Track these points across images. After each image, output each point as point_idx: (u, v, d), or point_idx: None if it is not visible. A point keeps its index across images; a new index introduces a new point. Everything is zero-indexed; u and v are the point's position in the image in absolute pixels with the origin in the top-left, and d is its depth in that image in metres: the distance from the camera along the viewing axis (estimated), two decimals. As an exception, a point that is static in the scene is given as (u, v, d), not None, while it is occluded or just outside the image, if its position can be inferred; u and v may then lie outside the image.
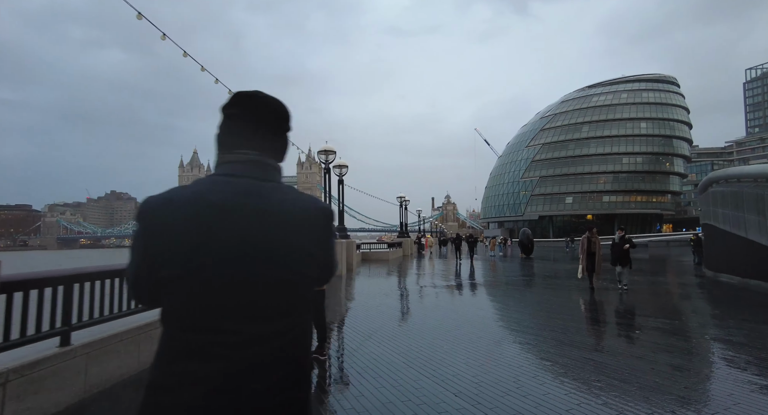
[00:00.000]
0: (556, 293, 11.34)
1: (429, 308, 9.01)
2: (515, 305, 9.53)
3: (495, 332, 6.61)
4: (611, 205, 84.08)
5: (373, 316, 8.04)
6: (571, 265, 21.91)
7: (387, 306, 9.19)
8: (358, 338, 6.30)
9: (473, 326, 6.82)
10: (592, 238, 10.82)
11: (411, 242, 34.40)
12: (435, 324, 7.12)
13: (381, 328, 6.82)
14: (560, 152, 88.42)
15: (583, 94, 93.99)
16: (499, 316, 8.12)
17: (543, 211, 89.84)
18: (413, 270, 19.56)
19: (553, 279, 15.51)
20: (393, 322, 7.45)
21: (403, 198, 32.60)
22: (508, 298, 10.82)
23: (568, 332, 6.35)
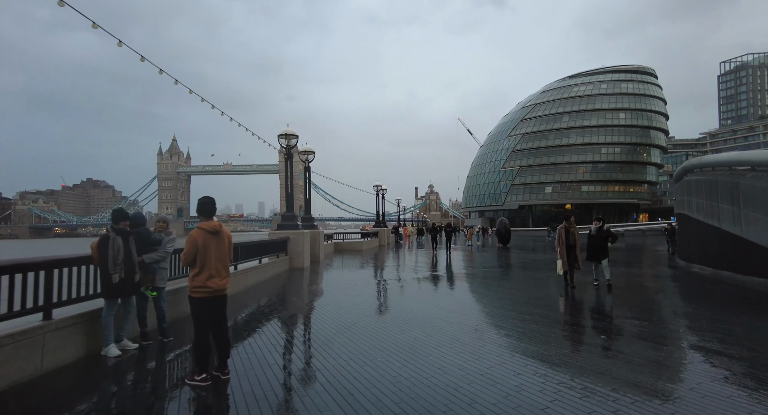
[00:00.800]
0: (532, 289, 10.92)
1: (392, 305, 8.49)
2: (482, 304, 9.01)
3: (446, 342, 6.04)
4: (590, 195, 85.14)
5: (330, 312, 7.46)
6: (547, 255, 21.80)
7: (344, 302, 8.60)
8: (317, 340, 5.71)
9: (421, 331, 6.10)
10: (570, 228, 9.71)
11: (388, 232, 33.90)
12: (388, 327, 6.54)
13: (333, 329, 6.23)
14: (540, 142, 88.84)
15: (563, 84, 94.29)
16: (457, 319, 7.60)
17: (523, 200, 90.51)
18: (386, 261, 19.01)
19: (528, 271, 15.17)
20: (335, 324, 6.78)
21: (379, 187, 31.92)
22: (477, 294, 10.34)
23: (531, 339, 5.85)
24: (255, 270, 10.54)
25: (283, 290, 10.50)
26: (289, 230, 14.23)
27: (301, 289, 10.84)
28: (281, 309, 8.15)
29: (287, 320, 7.18)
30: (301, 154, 17.56)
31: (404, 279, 12.14)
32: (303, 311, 7.93)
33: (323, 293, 10.11)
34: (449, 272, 13.95)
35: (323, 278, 12.33)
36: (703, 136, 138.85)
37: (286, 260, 13.64)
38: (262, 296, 9.38)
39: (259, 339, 5.78)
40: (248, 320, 7.12)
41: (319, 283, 11.47)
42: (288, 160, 17.48)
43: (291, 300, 9.21)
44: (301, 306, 8.41)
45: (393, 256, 22.49)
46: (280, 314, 7.62)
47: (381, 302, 8.93)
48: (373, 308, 8.10)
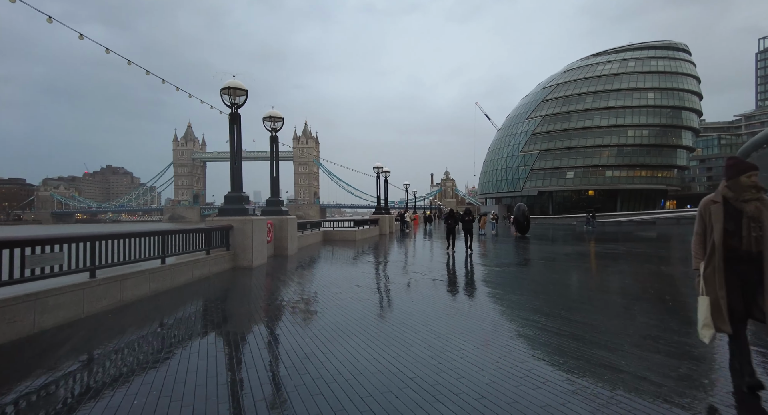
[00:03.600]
0: (562, 297, 7.78)
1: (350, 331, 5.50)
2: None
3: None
4: (614, 180, 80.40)
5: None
6: (576, 247, 18.52)
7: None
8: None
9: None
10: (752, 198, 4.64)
11: (391, 219, 30.88)
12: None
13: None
14: (562, 124, 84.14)
15: (587, 62, 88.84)
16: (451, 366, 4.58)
17: (543, 186, 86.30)
18: (383, 255, 15.98)
19: (555, 269, 11.99)
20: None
21: (380, 168, 28.77)
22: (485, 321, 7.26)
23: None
24: (152, 274, 7.58)
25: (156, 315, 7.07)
26: (232, 216, 11.26)
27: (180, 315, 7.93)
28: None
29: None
30: (265, 120, 14.61)
31: (395, 287, 9.15)
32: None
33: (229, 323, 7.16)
34: (458, 277, 10.88)
35: (266, 286, 9.14)
36: (738, 118, 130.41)
37: (226, 257, 10.71)
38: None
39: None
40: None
41: (242, 299, 8.00)
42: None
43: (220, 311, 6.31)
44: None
45: (395, 247, 19.45)
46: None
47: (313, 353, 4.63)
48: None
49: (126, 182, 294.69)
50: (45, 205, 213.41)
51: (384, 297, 7.72)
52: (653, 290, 8.40)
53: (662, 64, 79.30)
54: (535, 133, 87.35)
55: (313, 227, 21.08)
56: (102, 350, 4.59)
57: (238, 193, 11.55)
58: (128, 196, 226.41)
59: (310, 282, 9.45)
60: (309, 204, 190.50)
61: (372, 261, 13.91)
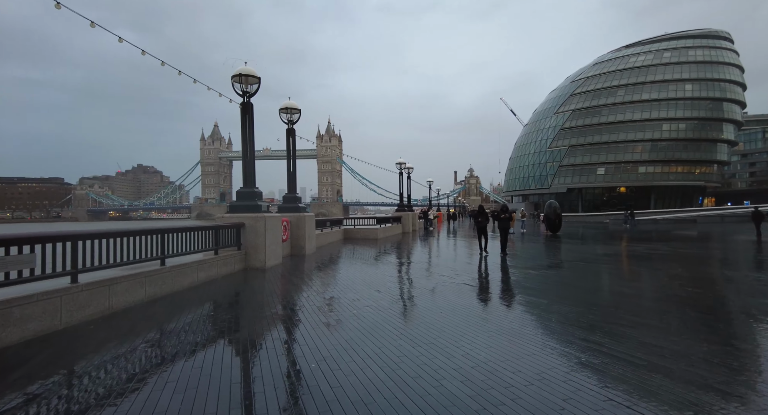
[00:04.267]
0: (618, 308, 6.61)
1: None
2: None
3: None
4: (647, 176, 76.75)
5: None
6: (614, 247, 16.97)
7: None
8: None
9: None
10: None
11: (414, 217, 29.78)
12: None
13: None
14: (592, 119, 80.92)
15: (618, 54, 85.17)
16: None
17: (572, 183, 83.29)
18: (406, 255, 14.98)
19: (599, 273, 10.74)
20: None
21: (402, 164, 27.69)
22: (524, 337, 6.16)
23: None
24: (148, 278, 6.78)
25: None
26: (243, 213, 10.42)
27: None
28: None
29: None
30: (281, 112, 13.81)
31: (420, 293, 8.16)
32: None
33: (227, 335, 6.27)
34: (494, 287, 9.80)
35: (276, 290, 8.19)
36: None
37: (236, 257, 9.89)
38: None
39: None
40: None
41: (245, 307, 7.02)
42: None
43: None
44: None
45: (418, 247, 18.41)
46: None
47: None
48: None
49: (156, 181, 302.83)
50: (81, 204, 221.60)
51: (407, 306, 6.70)
52: (729, 300, 7.10)
53: (701, 53, 75.05)
54: (564, 129, 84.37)
55: (333, 225, 20.24)
56: (59, 377, 3.75)
57: (251, 188, 10.73)
58: (158, 194, 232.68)
59: (325, 286, 8.52)
60: (332, 202, 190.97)
61: (394, 262, 12.92)
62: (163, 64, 13.73)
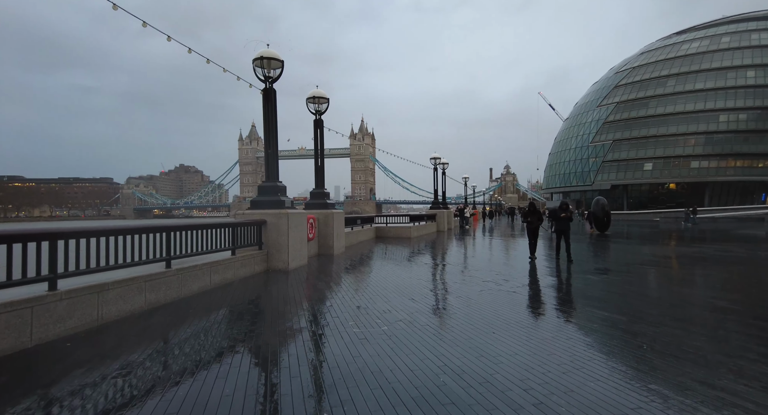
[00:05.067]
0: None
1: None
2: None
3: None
4: (701, 172, 71.48)
5: None
6: (677, 248, 14.92)
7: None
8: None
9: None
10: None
11: (449, 215, 28.39)
12: None
13: None
14: (639, 111, 76.31)
15: (669, 42, 79.95)
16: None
17: (616, 179, 78.95)
18: (439, 257, 13.77)
19: (675, 278, 9.17)
20: None
21: (437, 159, 26.32)
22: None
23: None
24: (149, 283, 5.94)
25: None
26: (264, 210, 9.51)
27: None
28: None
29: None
30: (308, 101, 12.87)
31: (462, 303, 7.01)
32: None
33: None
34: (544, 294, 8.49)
35: (296, 297, 7.01)
36: None
37: (257, 257, 8.99)
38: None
39: None
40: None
41: (255, 319, 5.65)
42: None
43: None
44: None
45: (454, 247, 17.13)
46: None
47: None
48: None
49: (197, 180, 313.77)
50: (128, 202, 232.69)
51: (449, 322, 5.52)
52: None
53: (766, 37, 69.04)
54: (608, 122, 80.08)
55: (365, 223, 19.24)
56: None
57: (273, 182, 9.81)
58: (198, 193, 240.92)
59: (353, 292, 7.45)
60: (365, 200, 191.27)
61: (429, 263, 11.72)
62: (208, 62, 13.22)
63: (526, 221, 12.29)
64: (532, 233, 12.05)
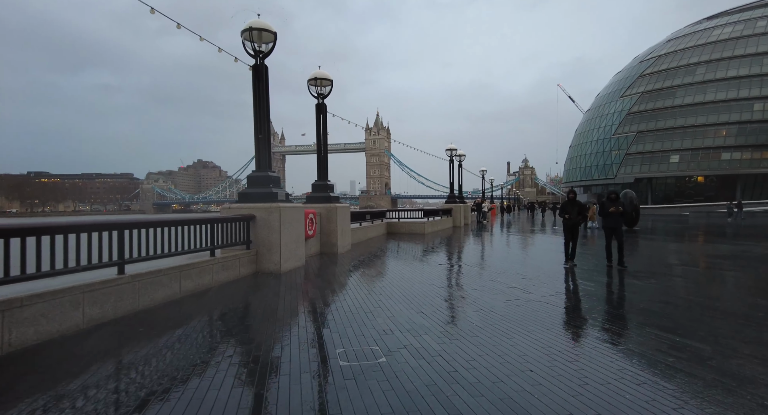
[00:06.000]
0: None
1: None
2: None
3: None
4: (733, 164, 67.97)
5: None
6: (726, 245, 13.12)
7: None
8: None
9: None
10: None
11: (466, 210, 26.88)
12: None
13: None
14: (665, 101, 72.96)
15: (698, 28, 76.11)
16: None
17: (641, 172, 75.84)
18: (455, 256, 12.42)
19: (744, 285, 7.67)
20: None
21: (453, 150, 24.78)
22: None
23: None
24: (89, 294, 4.74)
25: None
26: (253, 203, 8.28)
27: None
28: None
29: None
30: (310, 83, 11.62)
31: (484, 317, 5.68)
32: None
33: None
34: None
35: (279, 311, 5.55)
36: None
37: (243, 259, 7.77)
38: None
39: None
40: None
41: (221, 341, 4.37)
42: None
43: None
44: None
45: (472, 244, 15.75)
46: None
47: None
48: None
49: (215, 175, 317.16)
50: (147, 197, 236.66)
51: (468, 350, 4.17)
52: None
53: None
54: (631, 113, 76.86)
55: (375, 218, 17.93)
56: None
57: (264, 172, 8.57)
58: (216, 188, 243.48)
59: (350, 303, 6.16)
60: (380, 195, 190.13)
61: (444, 264, 10.35)
62: (220, 51, 12.12)
63: (564, 217, 9.63)
64: (571, 231, 9.53)
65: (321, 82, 11.65)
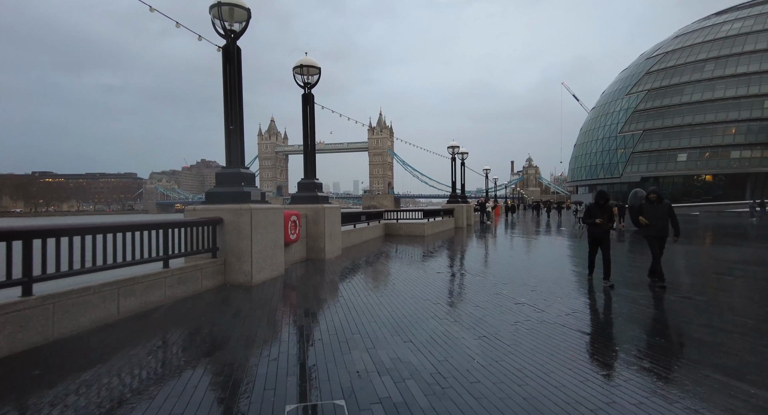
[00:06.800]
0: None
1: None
2: None
3: None
4: (742, 162, 66.40)
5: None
6: (751, 249, 11.89)
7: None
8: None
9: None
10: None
11: (469, 210, 25.72)
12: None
13: None
14: (672, 99, 71.46)
15: (706, 23, 74.57)
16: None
17: (647, 171, 74.37)
18: (456, 263, 11.30)
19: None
20: None
21: (455, 148, 23.60)
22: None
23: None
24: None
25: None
26: (221, 204, 7.16)
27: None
28: None
29: None
30: (296, 72, 10.52)
31: (492, 347, 4.57)
32: None
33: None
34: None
35: (236, 340, 4.37)
36: None
37: (207, 269, 6.67)
38: None
39: None
40: None
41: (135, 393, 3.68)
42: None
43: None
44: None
45: (475, 247, 14.62)
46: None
47: None
48: None
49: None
50: (151, 197, 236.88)
51: (469, 407, 3.05)
52: None
53: (818, 14, 63.35)
54: (638, 111, 75.41)
55: (371, 219, 16.81)
56: None
57: (236, 168, 7.46)
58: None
59: (323, 329, 5.04)
60: (383, 194, 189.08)
61: (443, 272, 9.20)
62: (178, 26, 11.14)
63: (593, 224, 7.41)
64: (600, 241, 7.53)
65: (308, 70, 10.54)
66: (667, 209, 7.28)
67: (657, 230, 7.32)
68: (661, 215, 7.24)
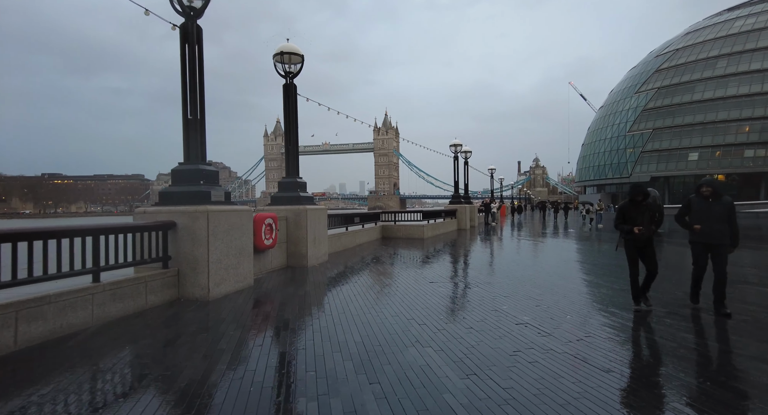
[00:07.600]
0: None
1: None
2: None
3: None
4: (757, 161, 64.59)
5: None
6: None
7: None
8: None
9: None
10: None
11: (473, 211, 24.61)
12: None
13: None
14: (682, 97, 69.87)
15: (718, 19, 72.88)
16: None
17: (657, 171, 72.79)
18: (459, 271, 10.24)
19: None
20: None
21: (458, 146, 22.51)
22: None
23: None
24: None
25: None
26: (176, 206, 6.17)
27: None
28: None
29: None
30: (276, 60, 9.55)
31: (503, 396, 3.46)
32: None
33: None
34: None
35: (156, 386, 3.33)
36: None
37: (157, 282, 5.69)
38: None
39: None
40: None
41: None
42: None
43: None
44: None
45: (479, 251, 13.57)
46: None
47: None
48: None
49: (224, 176, 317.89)
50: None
51: None
52: None
53: (835, 8, 61.49)
54: (647, 110, 73.88)
55: (366, 221, 15.77)
56: None
57: (195, 164, 6.47)
58: (225, 188, 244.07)
59: (273, 364, 4.04)
60: (389, 195, 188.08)
61: (437, 282, 8.12)
62: (147, 14, 10.32)
63: (630, 230, 5.62)
64: (642, 252, 5.80)
65: (290, 57, 9.55)
66: (726, 209, 5.52)
67: (708, 236, 5.51)
68: (717, 216, 5.48)
